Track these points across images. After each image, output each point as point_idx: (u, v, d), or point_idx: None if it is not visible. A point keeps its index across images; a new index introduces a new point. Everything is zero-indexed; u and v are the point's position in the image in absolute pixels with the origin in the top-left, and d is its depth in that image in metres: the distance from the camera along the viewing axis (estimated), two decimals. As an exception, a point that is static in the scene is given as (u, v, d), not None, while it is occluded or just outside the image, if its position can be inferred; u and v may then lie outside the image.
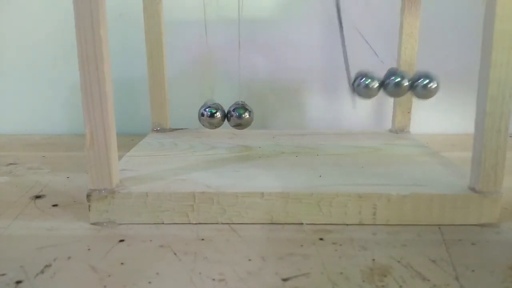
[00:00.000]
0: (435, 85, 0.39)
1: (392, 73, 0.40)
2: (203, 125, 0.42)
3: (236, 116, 0.41)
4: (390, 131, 0.53)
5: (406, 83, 0.39)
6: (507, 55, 0.31)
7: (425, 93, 0.39)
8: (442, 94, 0.61)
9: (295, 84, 0.61)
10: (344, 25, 0.42)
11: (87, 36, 0.30)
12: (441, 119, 0.63)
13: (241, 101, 0.42)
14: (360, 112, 0.63)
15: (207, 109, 0.42)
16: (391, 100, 0.53)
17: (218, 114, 0.42)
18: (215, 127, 0.42)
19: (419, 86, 0.39)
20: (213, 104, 0.42)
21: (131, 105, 0.61)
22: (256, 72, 0.61)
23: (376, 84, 0.39)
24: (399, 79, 0.39)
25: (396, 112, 0.52)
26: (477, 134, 0.33)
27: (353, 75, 0.41)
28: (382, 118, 0.62)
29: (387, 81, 0.39)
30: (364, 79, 0.40)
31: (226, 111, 0.42)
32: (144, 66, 0.51)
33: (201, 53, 0.61)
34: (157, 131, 0.53)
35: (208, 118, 0.42)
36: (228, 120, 0.42)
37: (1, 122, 0.64)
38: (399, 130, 0.52)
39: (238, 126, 0.42)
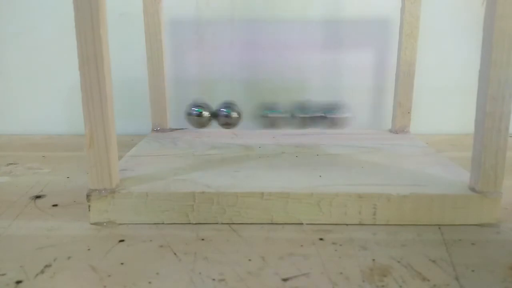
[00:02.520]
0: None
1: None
2: (191, 124, 0.43)
3: (224, 115, 0.42)
4: (390, 131, 0.53)
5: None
6: (507, 55, 0.31)
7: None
8: (442, 94, 0.62)
9: (295, 84, 0.61)
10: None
11: (87, 36, 0.30)
12: (441, 119, 0.63)
13: (229, 101, 0.42)
14: (360, 112, 0.63)
15: (194, 108, 0.42)
16: (391, 100, 0.53)
17: (206, 113, 0.42)
18: (203, 126, 0.42)
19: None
20: (201, 103, 0.42)
21: (131, 105, 0.61)
22: (256, 72, 0.61)
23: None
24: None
25: (396, 112, 0.52)
26: (477, 134, 0.33)
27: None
28: (382, 118, 0.62)
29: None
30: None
31: (213, 110, 0.42)
32: (144, 66, 0.51)
33: (201, 53, 0.61)
34: (157, 131, 0.53)
35: (195, 117, 0.42)
36: (217, 119, 0.42)
37: (1, 122, 0.64)
38: (399, 130, 0.52)
39: (226, 125, 0.42)
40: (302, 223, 0.34)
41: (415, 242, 0.31)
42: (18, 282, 0.27)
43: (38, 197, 0.40)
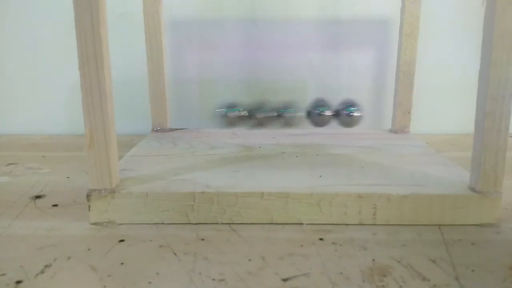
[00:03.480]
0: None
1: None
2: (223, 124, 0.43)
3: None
4: (390, 131, 0.53)
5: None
6: (507, 55, 0.31)
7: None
8: (442, 94, 0.62)
9: (295, 84, 0.61)
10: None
11: (87, 36, 0.30)
12: (441, 119, 0.63)
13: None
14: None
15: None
16: (391, 100, 0.53)
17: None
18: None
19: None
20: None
21: (131, 105, 0.61)
22: (256, 72, 0.61)
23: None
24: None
25: (396, 112, 0.52)
26: (477, 134, 0.33)
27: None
28: (382, 118, 0.62)
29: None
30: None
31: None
32: (144, 66, 0.51)
33: (201, 53, 0.61)
34: (157, 131, 0.53)
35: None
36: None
37: (1, 122, 0.64)
38: (399, 130, 0.52)
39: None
40: (302, 223, 0.34)
41: (415, 242, 0.31)
42: (18, 282, 0.27)
43: (38, 197, 0.39)
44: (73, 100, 0.62)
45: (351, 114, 0.43)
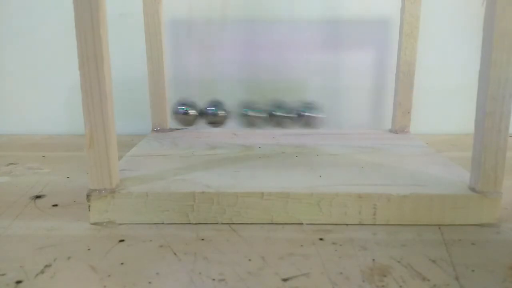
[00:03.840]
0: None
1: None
2: (177, 122, 0.43)
3: (211, 113, 0.42)
4: (390, 131, 0.53)
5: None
6: (507, 55, 0.31)
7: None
8: (442, 94, 0.62)
9: (295, 84, 0.61)
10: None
11: (87, 36, 0.30)
12: (441, 119, 0.63)
13: (216, 99, 0.43)
14: (360, 112, 0.63)
15: (180, 107, 0.42)
16: (391, 100, 0.53)
17: (193, 112, 0.42)
18: (189, 125, 0.43)
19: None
20: (188, 101, 0.43)
21: (131, 105, 0.61)
22: (256, 72, 0.61)
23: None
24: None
25: (396, 112, 0.52)
26: (477, 134, 0.33)
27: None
28: (382, 118, 0.62)
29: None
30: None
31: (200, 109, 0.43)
32: (144, 66, 0.51)
33: (201, 53, 0.61)
34: (157, 131, 0.53)
35: (182, 115, 0.42)
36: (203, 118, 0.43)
37: (1, 122, 0.64)
38: (399, 130, 0.52)
39: (213, 124, 0.42)
40: (302, 223, 0.34)
41: (415, 242, 0.31)
42: (18, 282, 0.27)
43: (38, 197, 0.39)
44: (73, 100, 0.62)
45: (310, 115, 0.43)
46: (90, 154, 0.32)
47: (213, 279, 0.27)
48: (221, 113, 0.42)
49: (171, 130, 0.53)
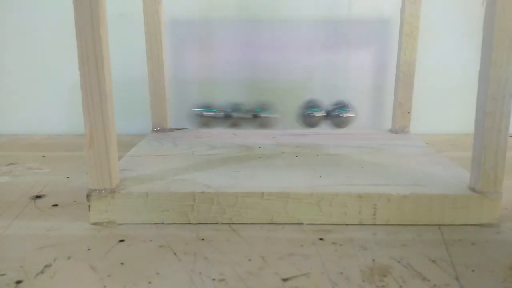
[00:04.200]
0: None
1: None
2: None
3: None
4: (390, 131, 0.53)
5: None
6: (507, 55, 0.31)
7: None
8: (442, 94, 0.62)
9: (295, 84, 0.61)
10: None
11: (87, 36, 0.30)
12: (441, 119, 0.63)
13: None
14: (360, 112, 0.63)
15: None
16: (391, 100, 0.53)
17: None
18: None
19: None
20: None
21: (131, 105, 0.61)
22: (257, 72, 0.61)
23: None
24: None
25: (396, 112, 0.52)
26: (477, 134, 0.33)
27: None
28: (382, 118, 0.62)
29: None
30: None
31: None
32: (144, 66, 0.51)
33: (201, 53, 0.61)
34: (157, 131, 0.53)
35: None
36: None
37: (1, 122, 0.64)
38: (399, 130, 0.52)
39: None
40: (302, 223, 0.34)
41: (415, 242, 0.31)
42: (18, 282, 0.27)
43: (38, 197, 0.39)
44: (73, 100, 0.62)
45: (342, 115, 0.43)
46: (90, 154, 0.32)
47: (213, 279, 0.27)
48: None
49: (171, 130, 0.53)
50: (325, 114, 0.43)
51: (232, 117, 0.43)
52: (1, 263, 0.29)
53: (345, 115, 0.43)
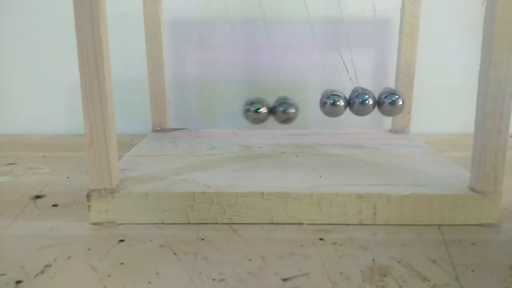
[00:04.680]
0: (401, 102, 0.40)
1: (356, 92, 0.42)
2: (248, 121, 0.42)
3: (281, 111, 0.41)
4: (390, 131, 0.53)
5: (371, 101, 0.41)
6: (507, 55, 0.31)
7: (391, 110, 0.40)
8: (442, 94, 0.62)
9: (295, 84, 0.61)
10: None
11: (87, 36, 0.30)
12: (441, 119, 0.63)
13: (284, 96, 0.42)
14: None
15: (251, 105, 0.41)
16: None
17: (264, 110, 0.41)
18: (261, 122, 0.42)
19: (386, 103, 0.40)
20: (257, 99, 0.42)
21: (131, 105, 0.61)
22: (256, 72, 0.61)
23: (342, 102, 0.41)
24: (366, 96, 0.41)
25: (396, 112, 0.52)
26: (477, 134, 0.33)
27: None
28: (382, 118, 0.62)
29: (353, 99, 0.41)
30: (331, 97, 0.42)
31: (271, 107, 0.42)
32: (144, 66, 0.51)
33: (201, 53, 0.61)
34: (157, 131, 0.53)
35: (253, 113, 0.41)
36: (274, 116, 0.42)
37: (1, 122, 0.64)
38: (399, 130, 0.52)
39: (285, 121, 0.41)
40: (302, 223, 0.34)
41: (415, 242, 0.31)
42: (18, 282, 0.27)
43: (38, 197, 0.39)
44: (73, 100, 0.62)
45: (393, 102, 0.40)
46: (90, 154, 0.32)
47: (213, 279, 0.27)
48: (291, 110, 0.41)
49: (171, 130, 0.53)
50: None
51: (286, 112, 0.41)
52: (1, 263, 0.29)
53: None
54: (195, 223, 0.34)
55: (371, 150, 0.45)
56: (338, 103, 0.41)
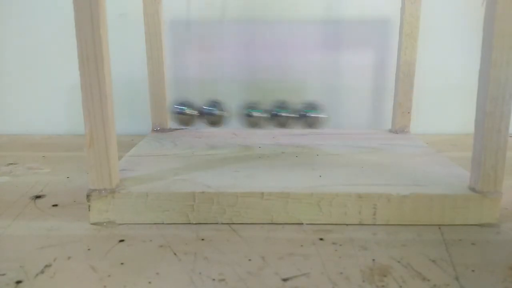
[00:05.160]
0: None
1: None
2: (176, 122, 0.43)
3: (208, 113, 0.42)
4: (390, 131, 0.53)
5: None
6: (507, 55, 0.31)
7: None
8: (442, 94, 0.62)
9: (295, 84, 0.61)
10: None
11: (87, 36, 0.30)
12: (441, 119, 0.63)
13: (214, 99, 0.43)
14: (360, 112, 0.63)
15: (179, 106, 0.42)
16: (391, 100, 0.53)
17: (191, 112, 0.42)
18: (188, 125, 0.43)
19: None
20: (185, 101, 0.43)
21: (131, 105, 0.61)
22: (256, 72, 0.61)
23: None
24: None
25: (396, 112, 0.52)
26: (477, 134, 0.33)
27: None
28: (382, 118, 0.62)
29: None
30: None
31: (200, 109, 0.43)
32: (144, 66, 0.51)
33: (201, 53, 0.61)
34: (157, 131, 0.53)
35: (179, 115, 0.42)
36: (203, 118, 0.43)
37: (1, 122, 0.64)
38: (399, 130, 0.52)
39: (212, 124, 0.42)
40: (302, 223, 0.34)
41: (415, 242, 0.31)
42: (18, 282, 0.27)
43: (38, 197, 0.40)
44: (73, 100, 0.62)
45: (314, 116, 0.42)
46: (90, 154, 0.32)
47: (213, 279, 0.27)
48: (220, 113, 0.42)
49: (171, 130, 0.53)
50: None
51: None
52: (1, 263, 0.29)
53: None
54: (195, 223, 0.34)
55: (371, 150, 0.45)
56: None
